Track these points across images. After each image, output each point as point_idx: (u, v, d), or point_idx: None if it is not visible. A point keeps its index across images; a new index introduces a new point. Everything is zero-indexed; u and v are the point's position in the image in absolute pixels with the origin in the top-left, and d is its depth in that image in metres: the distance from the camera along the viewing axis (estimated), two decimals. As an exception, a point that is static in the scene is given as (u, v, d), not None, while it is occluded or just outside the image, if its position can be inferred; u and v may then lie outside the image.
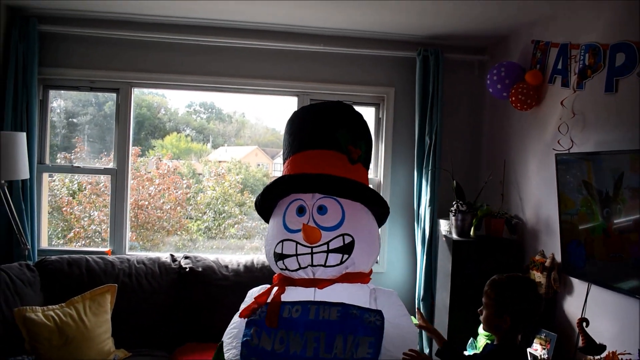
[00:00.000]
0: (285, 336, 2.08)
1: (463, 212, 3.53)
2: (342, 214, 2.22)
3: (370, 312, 2.10)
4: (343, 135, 2.31)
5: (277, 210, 2.33)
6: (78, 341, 2.99)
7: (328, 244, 2.18)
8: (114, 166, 3.92)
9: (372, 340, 2.03)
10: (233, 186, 5.17)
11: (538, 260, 3.25)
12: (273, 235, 2.29)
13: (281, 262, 2.23)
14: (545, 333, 3.06)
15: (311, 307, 2.11)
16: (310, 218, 2.21)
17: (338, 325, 2.07)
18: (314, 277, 2.20)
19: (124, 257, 3.63)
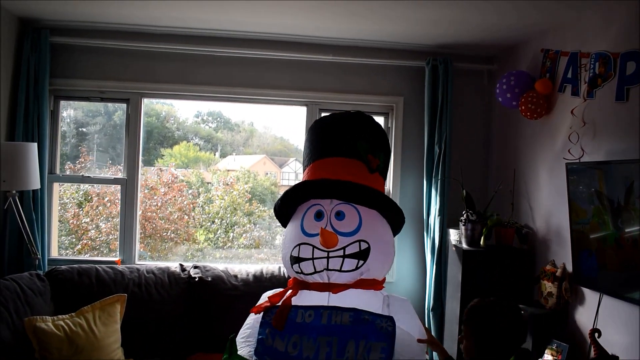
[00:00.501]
0: (299, 341, 2.10)
1: (473, 221, 3.52)
2: (359, 221, 2.25)
3: (382, 317, 2.11)
4: (363, 145, 2.35)
5: (296, 215, 2.37)
6: (88, 351, 2.99)
7: (344, 249, 2.20)
8: (124, 176, 3.94)
9: (385, 345, 2.04)
10: (241, 195, 5.18)
11: (549, 270, 3.23)
12: (290, 239, 2.32)
13: (297, 265, 2.25)
14: (556, 344, 3.03)
15: (324, 312, 2.13)
16: (327, 223, 2.24)
17: (350, 331, 2.08)
18: (328, 282, 2.21)
19: (133, 267, 3.64)
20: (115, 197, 4.47)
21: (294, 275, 2.33)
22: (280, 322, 2.15)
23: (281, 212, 2.44)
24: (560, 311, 3.19)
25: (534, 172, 3.63)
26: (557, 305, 3.17)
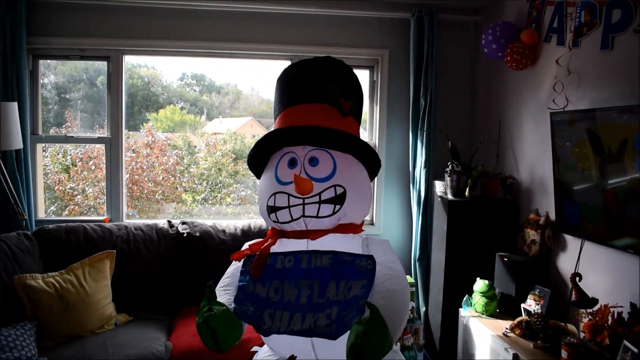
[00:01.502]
0: (280, 286, 2.09)
1: (458, 172, 3.55)
2: (334, 166, 2.22)
3: (361, 257, 2.11)
4: (334, 90, 2.30)
5: (270, 165, 2.31)
6: (79, 307, 3.02)
7: (320, 195, 2.16)
8: (108, 135, 3.90)
9: (365, 282, 2.05)
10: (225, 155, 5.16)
11: (532, 219, 3.29)
12: (265, 189, 2.27)
13: (273, 214, 2.22)
14: (539, 289, 3.11)
15: (303, 256, 2.12)
16: (301, 169, 2.20)
17: (330, 272, 2.08)
18: (306, 229, 2.22)
19: (121, 225, 3.65)
20: (100, 161, 4.43)
21: (272, 224, 2.32)
22: (257, 271, 2.13)
23: (254, 162, 2.40)
24: (543, 258, 3.26)
25: (519, 123, 3.65)
26: (540, 253, 3.24)
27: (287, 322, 2.02)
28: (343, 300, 2.03)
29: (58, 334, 2.96)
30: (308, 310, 2.04)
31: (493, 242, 3.54)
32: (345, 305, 2.02)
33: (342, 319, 1.99)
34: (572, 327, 2.88)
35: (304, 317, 2.02)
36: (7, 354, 2.55)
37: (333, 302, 2.03)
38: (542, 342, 2.76)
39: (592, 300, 2.75)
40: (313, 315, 2.03)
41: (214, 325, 1.83)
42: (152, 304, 3.47)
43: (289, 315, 2.03)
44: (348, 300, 2.03)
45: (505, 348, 2.84)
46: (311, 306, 2.05)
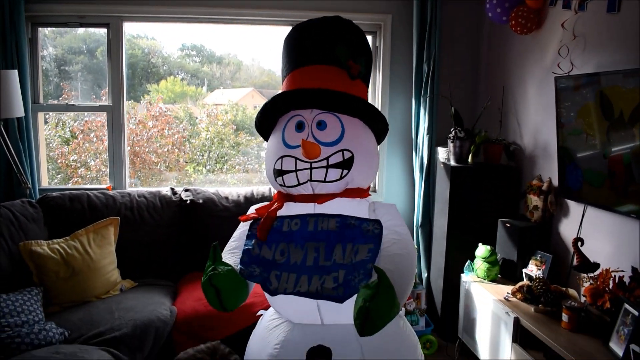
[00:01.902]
0: (286, 248, 2.09)
1: (461, 138, 3.53)
2: (342, 130, 2.19)
3: (368, 221, 2.11)
4: (342, 51, 2.25)
5: (277, 128, 2.29)
6: (84, 273, 3.05)
7: (327, 160, 2.14)
8: (110, 103, 3.88)
9: (371, 246, 2.05)
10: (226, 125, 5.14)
11: (535, 185, 3.29)
12: (272, 152, 2.25)
13: (280, 178, 2.20)
14: (540, 254, 3.12)
15: (310, 219, 2.12)
16: (309, 133, 2.17)
17: (337, 235, 2.08)
18: (313, 193, 2.21)
19: (124, 192, 3.66)
20: (101, 132, 4.41)
21: (278, 188, 2.31)
22: (264, 233, 2.13)
23: (262, 125, 2.36)
24: (545, 224, 3.27)
25: (523, 89, 3.62)
26: (542, 218, 3.25)
27: (293, 284, 2.02)
28: (349, 264, 2.03)
29: (64, 299, 3.00)
30: (314, 273, 2.04)
31: (495, 208, 3.55)
32: (352, 268, 2.02)
33: (348, 283, 1.99)
34: (573, 291, 2.90)
35: (310, 279, 2.03)
36: (14, 319, 2.59)
37: (340, 265, 2.04)
38: (543, 306, 2.79)
39: (593, 265, 2.76)
40: (319, 277, 2.03)
41: (218, 284, 1.83)
42: (157, 270, 3.50)
43: (295, 277, 2.04)
44: (355, 264, 2.03)
45: (506, 312, 2.87)
46: (317, 268, 2.05)
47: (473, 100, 4.22)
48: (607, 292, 2.61)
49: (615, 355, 2.32)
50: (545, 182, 3.24)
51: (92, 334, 2.69)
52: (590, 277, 2.76)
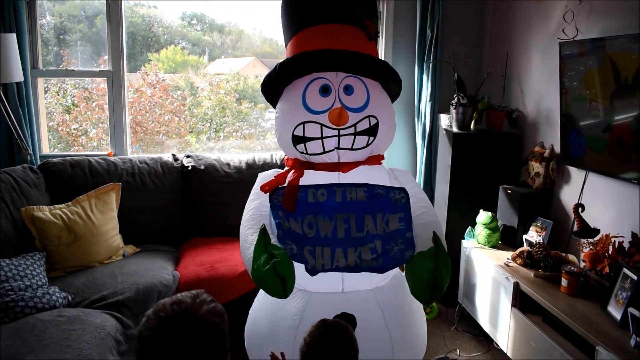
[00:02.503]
0: (314, 221, 2.02)
1: (464, 105, 3.51)
2: (367, 95, 2.11)
3: (394, 190, 2.05)
4: (360, 10, 2.14)
5: (292, 91, 2.16)
6: (87, 238, 3.07)
7: (355, 126, 2.06)
8: (110, 68, 3.84)
9: (402, 215, 2.01)
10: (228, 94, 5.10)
11: (537, 152, 3.27)
12: (290, 118, 2.13)
13: (302, 145, 2.09)
14: (541, 220, 3.13)
15: (337, 189, 2.04)
16: (336, 98, 2.08)
17: (366, 206, 2.02)
18: (338, 161, 2.14)
19: (126, 158, 3.65)
20: (103, 101, 4.37)
21: (296, 155, 2.19)
22: (292, 203, 2.04)
23: (270, 88, 2.22)
24: (546, 190, 3.27)
25: (527, 55, 3.57)
26: (544, 185, 3.25)
27: (330, 259, 1.97)
28: (384, 234, 1.99)
29: (67, 264, 3.02)
30: (348, 245, 1.99)
31: (497, 175, 3.54)
32: (388, 238, 1.99)
33: (387, 252, 1.97)
34: (573, 257, 2.91)
35: (346, 252, 1.98)
36: (18, 283, 2.61)
37: (374, 235, 2.00)
38: (543, 271, 2.80)
39: (593, 231, 2.77)
40: (355, 250, 1.98)
41: (283, 273, 1.76)
42: (159, 236, 3.52)
43: (330, 252, 1.98)
44: (389, 234, 1.99)
45: (506, 277, 2.89)
46: (350, 240, 2.00)
47: (476, 66, 4.17)
48: (606, 258, 2.62)
49: (613, 318, 2.34)
50: (548, 149, 3.22)
51: (95, 298, 2.71)
52: (590, 242, 2.77)
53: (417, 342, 2.32)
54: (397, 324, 2.17)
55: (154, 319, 1.16)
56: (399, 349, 2.16)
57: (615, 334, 2.24)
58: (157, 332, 1.15)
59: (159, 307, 1.19)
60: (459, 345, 3.30)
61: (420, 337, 2.36)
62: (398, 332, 2.16)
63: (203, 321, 1.17)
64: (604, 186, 2.86)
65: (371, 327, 2.07)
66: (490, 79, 3.80)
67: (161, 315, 1.16)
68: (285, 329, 2.11)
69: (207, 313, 1.19)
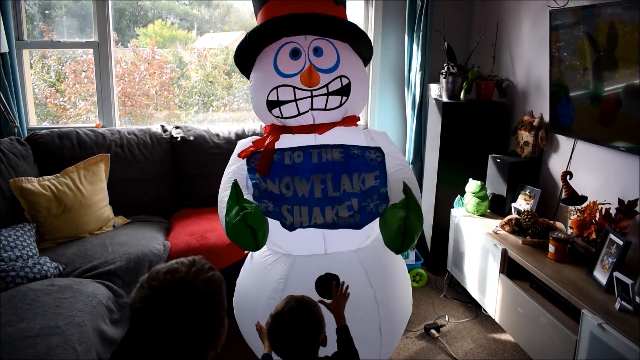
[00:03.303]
0: (291, 182, 2.08)
1: (454, 74, 3.50)
2: (337, 56, 2.17)
3: (370, 149, 2.11)
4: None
5: (263, 58, 2.22)
6: (76, 209, 3.06)
7: (327, 87, 2.13)
8: (96, 39, 3.79)
9: (377, 173, 2.07)
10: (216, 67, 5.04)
11: (526, 120, 3.28)
12: (263, 84, 2.18)
13: (276, 109, 2.15)
14: (529, 189, 3.16)
15: (312, 151, 2.10)
16: (306, 60, 2.14)
17: (342, 166, 2.08)
18: (313, 123, 2.18)
19: (114, 129, 3.61)
20: (91, 72, 4.30)
21: (272, 121, 2.26)
22: (265, 167, 2.10)
23: (243, 58, 2.28)
24: (535, 159, 3.29)
25: (517, 24, 3.55)
26: (533, 154, 3.27)
27: (308, 217, 2.02)
28: (360, 192, 2.04)
29: (57, 235, 3.01)
30: (326, 204, 2.04)
31: (486, 144, 3.56)
32: (364, 196, 2.04)
33: (364, 209, 2.01)
34: (561, 224, 2.95)
35: (323, 211, 2.02)
36: (8, 253, 2.60)
37: (351, 194, 2.04)
38: (531, 238, 2.84)
39: (581, 198, 2.80)
40: (332, 208, 2.03)
41: (254, 224, 1.80)
42: (149, 207, 3.52)
43: (307, 210, 2.03)
44: (365, 192, 2.04)
45: (494, 244, 2.92)
46: (327, 199, 2.05)
47: (467, 35, 4.15)
48: (593, 224, 2.66)
49: (599, 283, 2.39)
50: (537, 118, 3.23)
51: (86, 267, 2.71)
52: (577, 209, 2.81)
53: (402, 301, 2.37)
54: (381, 283, 2.22)
55: (147, 288, 1.13)
56: (384, 308, 2.21)
57: (600, 297, 2.28)
58: (150, 302, 1.11)
59: (152, 275, 1.16)
60: (447, 311, 3.36)
61: (405, 297, 2.41)
62: (382, 291, 2.21)
63: (199, 291, 1.14)
64: (592, 154, 2.88)
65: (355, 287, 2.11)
66: (480, 48, 3.78)
67: (154, 285, 1.13)
68: (271, 292, 2.15)
69: (203, 282, 1.15)
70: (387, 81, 4.11)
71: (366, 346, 2.18)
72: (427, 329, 3.10)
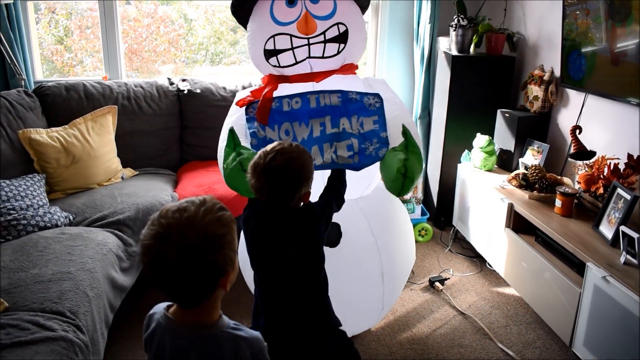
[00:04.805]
0: (290, 127, 2.08)
1: (464, 27, 3.44)
2: (334, 2, 2.15)
3: (368, 95, 2.11)
4: None
5: (259, 8, 2.20)
6: (85, 160, 3.08)
7: (324, 34, 2.12)
8: (100, -9, 3.74)
9: (376, 118, 2.07)
10: (223, 24, 4.97)
11: (537, 75, 3.24)
12: (260, 33, 2.17)
13: (274, 58, 2.16)
14: (537, 144, 3.14)
15: (310, 96, 2.10)
16: (302, 7, 2.12)
17: (340, 110, 2.08)
18: (311, 71, 2.18)
19: (121, 82, 3.59)
20: (98, 29, 4.25)
21: (270, 70, 2.25)
22: (264, 116, 2.11)
23: (242, 5, 2.24)
24: (545, 114, 3.26)
25: (530, -25, 3.47)
26: (542, 109, 3.23)
27: None
28: (359, 134, 2.05)
29: (66, 186, 3.04)
30: (324, 141, 2.05)
31: (495, 99, 3.52)
32: (363, 138, 2.04)
33: (363, 151, 2.02)
34: (568, 179, 2.94)
35: (322, 149, 2.04)
36: (19, 202, 2.64)
37: (350, 134, 2.05)
38: (538, 192, 2.84)
39: (589, 153, 2.78)
40: (330, 145, 2.05)
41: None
42: (156, 159, 3.53)
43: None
44: (364, 134, 2.05)
45: (501, 199, 2.93)
46: (326, 136, 2.06)
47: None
48: (601, 179, 2.65)
49: (604, 237, 2.40)
50: (548, 72, 3.19)
51: (95, 217, 2.75)
52: (585, 164, 2.79)
53: (404, 249, 2.40)
54: (382, 230, 2.25)
55: (157, 225, 1.14)
56: (386, 255, 2.24)
57: (606, 251, 2.30)
58: (157, 239, 1.13)
59: (162, 212, 1.17)
60: (452, 265, 3.39)
61: (407, 245, 2.44)
62: (383, 239, 2.24)
63: (206, 231, 1.14)
64: (603, 109, 2.85)
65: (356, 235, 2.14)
66: (491, 1, 3.70)
67: (163, 223, 1.14)
68: None
69: (211, 222, 1.16)
70: (395, 34, 4.04)
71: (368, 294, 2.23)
72: (431, 282, 3.14)
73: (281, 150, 1.65)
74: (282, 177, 1.62)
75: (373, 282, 2.23)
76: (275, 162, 1.62)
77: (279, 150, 1.65)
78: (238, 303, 2.86)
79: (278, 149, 1.66)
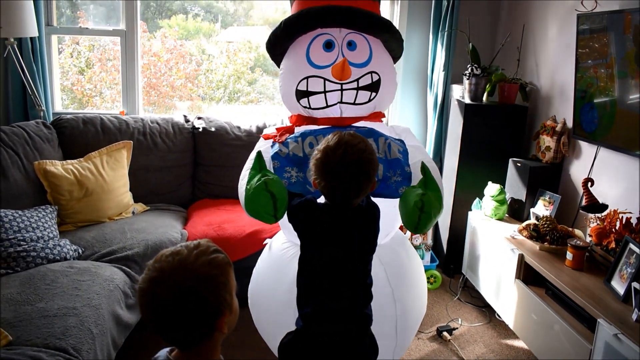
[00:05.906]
0: (315, 140, 2.03)
1: (477, 76, 3.48)
2: (370, 51, 2.16)
3: (394, 139, 2.10)
4: None
5: (295, 48, 2.21)
6: (97, 193, 3.11)
7: (358, 81, 2.11)
8: (123, 27, 3.83)
9: (401, 149, 2.04)
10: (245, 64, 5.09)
11: (549, 125, 3.25)
12: (294, 73, 2.17)
13: (305, 99, 2.14)
14: (549, 195, 3.13)
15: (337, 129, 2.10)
16: (339, 53, 2.14)
17: (367, 132, 2.04)
18: (340, 116, 2.18)
19: (137, 117, 3.66)
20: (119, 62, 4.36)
21: (299, 110, 2.24)
22: (284, 139, 2.09)
23: (276, 46, 2.25)
24: (557, 165, 3.26)
25: (544, 27, 3.52)
26: (554, 159, 3.23)
27: None
28: (385, 159, 2.01)
29: (78, 218, 3.07)
30: None
31: (508, 148, 3.53)
32: (389, 165, 2.00)
33: (386, 180, 1.98)
34: (579, 232, 2.92)
35: None
36: (30, 233, 2.66)
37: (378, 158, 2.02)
38: (549, 244, 2.81)
39: (601, 206, 2.76)
40: None
41: (274, 190, 1.76)
42: (168, 196, 3.56)
43: None
44: (390, 161, 2.01)
45: (511, 249, 2.90)
46: None
47: (492, 37, 4.11)
48: (613, 233, 2.62)
49: (616, 293, 2.35)
50: (560, 123, 3.20)
51: (104, 252, 2.76)
52: (597, 217, 2.77)
53: (418, 300, 2.36)
54: (398, 281, 2.22)
55: (152, 269, 1.17)
56: (401, 306, 2.21)
57: (617, 307, 2.25)
58: (152, 282, 1.15)
59: (157, 257, 1.20)
60: (461, 315, 3.34)
61: (421, 296, 2.41)
62: (399, 289, 2.21)
63: (198, 272, 1.16)
64: (615, 162, 2.84)
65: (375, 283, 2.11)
66: (505, 51, 3.75)
67: (157, 266, 1.17)
68: (289, 286, 2.13)
69: (203, 264, 1.18)
70: (410, 81, 4.09)
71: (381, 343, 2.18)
72: (439, 331, 3.09)
73: (346, 142, 1.62)
74: (361, 170, 1.61)
75: (387, 331, 2.19)
76: (348, 157, 1.60)
77: (345, 142, 1.62)
78: (242, 345, 2.83)
79: (343, 142, 1.62)
